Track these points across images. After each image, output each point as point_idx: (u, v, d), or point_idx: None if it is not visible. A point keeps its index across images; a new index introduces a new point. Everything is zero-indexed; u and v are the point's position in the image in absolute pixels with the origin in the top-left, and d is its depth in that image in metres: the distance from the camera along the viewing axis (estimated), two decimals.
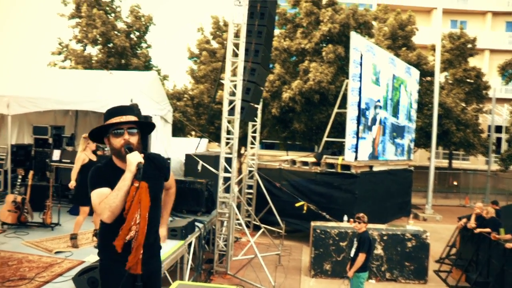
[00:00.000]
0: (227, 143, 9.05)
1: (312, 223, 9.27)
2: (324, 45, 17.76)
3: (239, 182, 13.25)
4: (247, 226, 12.49)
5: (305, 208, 10.16)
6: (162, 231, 3.06)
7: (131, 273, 2.57)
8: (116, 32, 20.66)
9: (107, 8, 21.20)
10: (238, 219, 9.58)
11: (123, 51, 20.40)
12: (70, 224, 6.77)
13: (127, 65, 20.56)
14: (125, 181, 2.45)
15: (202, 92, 21.19)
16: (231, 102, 8.98)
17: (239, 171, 17.20)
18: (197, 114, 21.54)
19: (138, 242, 2.51)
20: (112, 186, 2.50)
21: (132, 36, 21.76)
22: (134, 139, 2.63)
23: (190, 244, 7.35)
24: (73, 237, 6.24)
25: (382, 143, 13.84)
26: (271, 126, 19.29)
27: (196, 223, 8.08)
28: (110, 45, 20.61)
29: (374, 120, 13.00)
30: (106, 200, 2.48)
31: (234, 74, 8.97)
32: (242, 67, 8.85)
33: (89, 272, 4.39)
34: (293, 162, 13.06)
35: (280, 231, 11.39)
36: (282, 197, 12.12)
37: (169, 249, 6.32)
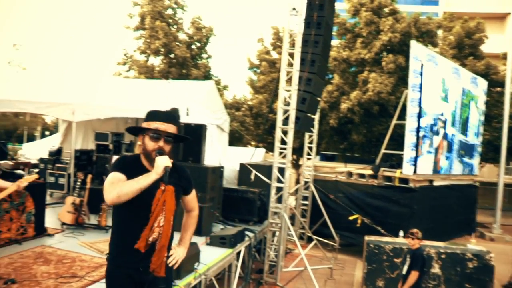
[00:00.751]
0: (280, 153, 9.01)
1: (366, 238, 8.98)
2: (384, 55, 17.36)
3: (295, 193, 13.15)
4: (301, 238, 12.36)
5: (358, 221, 9.91)
6: (180, 251, 2.95)
7: (144, 278, 2.59)
8: (177, 43, 21.28)
9: (170, 20, 21.90)
10: (290, 230, 9.47)
11: (183, 62, 20.97)
12: None
13: (188, 75, 21.09)
14: (147, 178, 2.44)
15: (261, 102, 21.31)
16: (285, 111, 8.95)
17: (297, 182, 17.07)
18: (255, 124, 21.68)
19: (162, 244, 2.52)
20: (129, 178, 2.52)
21: (193, 47, 22.32)
22: (167, 147, 2.66)
23: (239, 253, 7.33)
24: None
25: (449, 159, 13.32)
26: (329, 138, 19.06)
27: (247, 232, 8.06)
28: (172, 55, 21.25)
29: (437, 134, 12.53)
30: (121, 184, 2.48)
31: (289, 83, 8.95)
32: (297, 77, 8.81)
33: None
34: (350, 174, 12.80)
35: (334, 244, 11.15)
36: (337, 210, 11.90)
37: (216, 256, 6.34)
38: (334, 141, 19.37)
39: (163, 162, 2.46)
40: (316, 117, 12.60)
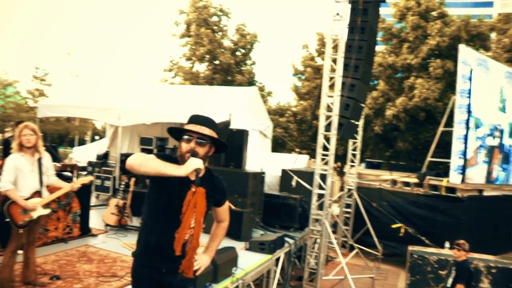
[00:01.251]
0: (322, 159, 8.93)
1: (410, 247, 8.73)
2: (432, 60, 16.89)
3: (338, 200, 12.98)
4: (343, 247, 12.17)
5: (402, 230, 9.66)
6: (204, 259, 2.93)
7: (165, 279, 2.61)
8: (222, 50, 21.55)
9: (215, 27, 22.22)
10: (331, 238, 9.34)
11: (228, 68, 21.20)
12: None
13: (232, 82, 21.30)
14: (174, 168, 2.44)
15: (305, 109, 21.23)
16: (328, 117, 8.87)
17: (341, 189, 16.86)
18: (299, 130, 21.61)
19: (192, 246, 2.53)
20: (161, 180, 2.55)
21: (237, 53, 22.54)
22: (201, 150, 2.65)
23: (278, 259, 7.29)
24: None
25: (506, 171, 12.82)
26: (374, 145, 18.72)
27: (286, 239, 8.01)
28: (216, 62, 21.53)
29: (493, 144, 12.11)
30: (149, 159, 2.51)
31: (332, 89, 8.86)
32: (340, 82, 8.71)
33: None
34: (394, 182, 12.50)
35: (377, 253, 10.91)
36: (380, 218, 11.65)
37: (255, 261, 6.33)
38: (379, 148, 19.00)
39: (194, 163, 2.47)
40: (360, 123, 12.41)
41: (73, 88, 14.30)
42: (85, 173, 11.38)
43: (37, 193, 4.43)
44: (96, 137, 37.70)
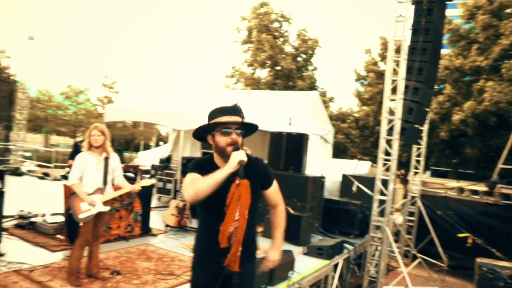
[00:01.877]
0: (384, 164, 8.67)
1: (478, 260, 8.27)
2: (505, 61, 15.95)
3: (402, 207, 12.56)
4: (405, 256, 11.72)
5: (469, 241, 9.17)
6: (272, 255, 2.89)
7: (223, 272, 2.56)
8: (283, 55, 21.58)
9: (276, 33, 22.31)
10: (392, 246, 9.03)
11: (289, 73, 21.21)
12: None
13: (293, 87, 21.28)
14: (221, 172, 2.44)
15: (368, 114, 20.81)
16: (390, 121, 8.62)
17: (404, 198, 16.31)
18: (361, 136, 21.19)
19: (237, 238, 2.49)
20: None
21: (298, 59, 22.49)
22: (240, 140, 2.62)
23: (336, 266, 7.15)
24: None
25: None
26: (440, 151, 17.95)
27: (346, 245, 7.85)
28: (278, 68, 21.59)
29: None
30: (196, 182, 2.51)
31: (394, 92, 8.61)
32: (402, 85, 8.45)
33: None
34: (461, 190, 11.91)
35: (442, 265, 10.43)
36: (446, 228, 11.12)
37: (312, 266, 6.26)
38: (445, 155, 18.19)
39: (238, 156, 2.44)
40: (425, 128, 11.96)
41: (139, 94, 14.84)
42: (148, 176, 11.75)
43: (99, 190, 4.64)
44: (161, 143, 38.93)
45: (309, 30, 23.66)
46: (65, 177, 10.67)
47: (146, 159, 17.37)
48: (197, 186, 2.49)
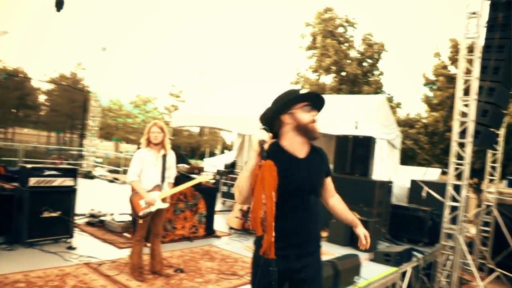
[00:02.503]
0: (456, 169, 8.20)
1: None
2: None
3: (475, 217, 11.84)
4: (480, 270, 10.99)
5: None
6: (361, 229, 2.92)
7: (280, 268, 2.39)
8: (348, 61, 21.22)
9: (341, 39, 22.00)
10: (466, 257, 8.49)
11: (354, 79, 20.82)
12: None
13: (359, 93, 20.86)
14: (250, 160, 2.32)
15: (437, 120, 19.96)
16: (462, 123, 8.16)
17: (477, 208, 15.40)
18: (431, 143, 20.34)
19: (268, 223, 2.28)
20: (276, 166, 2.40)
21: (364, 64, 22.02)
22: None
23: (404, 274, 6.81)
24: None
25: None
26: None
27: (415, 253, 7.46)
28: (343, 73, 21.24)
29: None
30: (237, 180, 2.41)
31: (467, 94, 8.15)
32: (476, 85, 7.98)
33: None
34: None
35: None
36: None
37: (378, 273, 6.00)
38: None
39: (257, 136, 2.31)
40: (502, 132, 11.22)
41: (204, 101, 15.13)
42: (206, 173, 11.87)
43: (157, 187, 4.67)
44: (226, 151, 39.65)
45: (375, 34, 23.16)
46: None
47: (211, 165, 17.68)
48: (238, 184, 2.38)
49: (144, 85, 53.75)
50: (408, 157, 20.48)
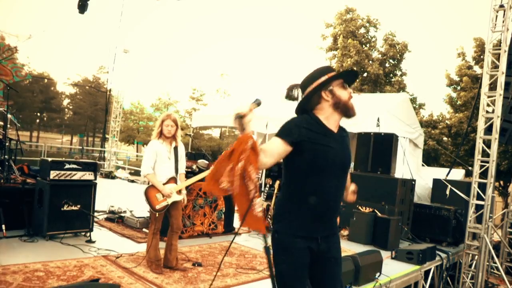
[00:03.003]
0: (481, 167, 7.98)
1: None
2: None
3: (501, 220, 11.52)
4: (508, 273, 10.65)
5: None
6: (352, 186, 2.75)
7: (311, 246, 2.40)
8: (370, 61, 20.98)
9: (362, 39, 21.76)
10: (494, 262, 8.23)
11: (376, 79, 20.56)
12: None
13: (381, 93, 20.60)
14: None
15: (461, 121, 19.55)
16: (488, 120, 7.93)
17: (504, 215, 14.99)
18: (454, 144, 19.95)
19: (236, 197, 2.25)
20: (313, 141, 2.36)
21: (386, 64, 21.74)
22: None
23: (428, 273, 6.63)
24: None
25: None
26: None
27: (439, 252, 7.27)
28: (364, 74, 21.01)
29: None
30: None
31: (493, 88, 7.93)
32: (502, 80, 7.76)
33: None
34: None
35: None
36: None
37: (400, 270, 5.85)
38: None
39: (235, 110, 2.30)
40: None
41: (224, 103, 15.13)
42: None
43: (173, 179, 4.63)
44: None
45: (398, 34, 22.81)
46: None
47: None
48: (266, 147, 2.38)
49: (166, 88, 54.23)
50: (431, 158, 20.13)
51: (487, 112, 7.94)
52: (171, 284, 4.23)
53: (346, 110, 2.48)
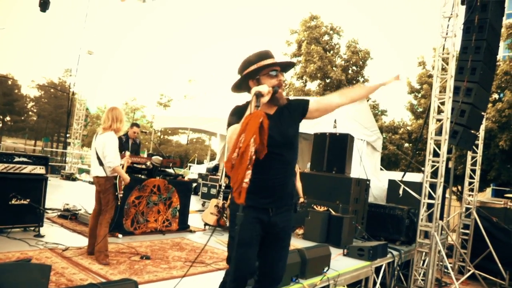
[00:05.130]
0: (432, 167, 8.23)
1: None
2: None
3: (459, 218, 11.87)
4: (460, 273, 10.99)
5: None
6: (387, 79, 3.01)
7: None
8: (333, 68, 21.34)
9: (326, 46, 22.13)
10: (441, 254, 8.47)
11: (339, 85, 20.91)
12: None
13: None
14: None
15: (421, 127, 20.04)
16: (439, 121, 8.21)
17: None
18: (414, 149, 20.46)
19: (240, 166, 2.27)
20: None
21: (349, 70, 22.15)
22: (283, 79, 2.70)
23: (379, 269, 6.78)
24: None
25: None
26: (500, 164, 16.82)
27: (391, 250, 7.44)
28: (328, 80, 21.35)
29: None
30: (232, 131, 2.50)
31: (443, 92, 8.22)
32: (451, 83, 8.05)
33: None
34: None
35: (503, 282, 9.70)
36: (507, 242, 10.34)
37: (350, 265, 5.96)
38: (506, 168, 17.03)
39: (255, 89, 2.40)
40: (481, 135, 11.31)
41: (190, 106, 15.14)
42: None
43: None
44: (213, 161, 39.64)
45: (360, 41, 23.31)
46: None
47: (197, 171, 17.65)
48: (229, 135, 2.49)
49: (133, 93, 53.77)
50: (391, 163, 20.56)
51: (438, 113, 8.21)
52: (115, 275, 4.20)
53: (271, 100, 2.55)
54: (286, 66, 2.81)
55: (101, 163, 4.80)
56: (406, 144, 20.32)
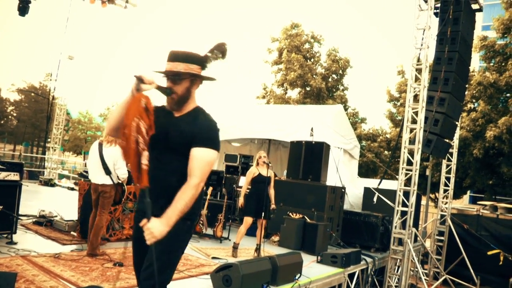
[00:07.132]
0: (406, 175, 8.40)
1: None
2: None
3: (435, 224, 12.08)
4: (435, 279, 11.19)
5: (501, 258, 8.66)
6: (154, 224, 2.23)
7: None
8: (313, 75, 21.57)
9: (307, 54, 22.37)
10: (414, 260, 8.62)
11: (319, 93, 21.12)
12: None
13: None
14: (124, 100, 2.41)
15: (400, 135, 20.37)
16: (412, 131, 8.40)
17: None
18: (393, 157, 20.74)
19: (129, 150, 2.24)
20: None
21: (329, 79, 22.41)
22: (179, 88, 2.52)
23: (353, 276, 6.89)
24: (235, 246, 6.50)
25: None
26: (475, 171, 17.14)
27: (364, 257, 7.56)
28: (308, 88, 21.56)
29: None
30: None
31: (417, 101, 8.41)
32: (424, 93, 8.25)
33: (225, 270, 4.43)
34: (495, 208, 11.36)
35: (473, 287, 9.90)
36: (479, 248, 10.58)
37: (323, 272, 6.06)
38: (480, 175, 17.33)
39: (140, 73, 2.36)
40: (455, 144, 11.56)
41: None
42: None
43: None
44: None
45: (341, 50, 23.61)
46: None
47: None
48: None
49: (115, 98, 53.35)
50: (370, 170, 20.78)
51: (412, 123, 8.40)
52: (86, 282, 4.22)
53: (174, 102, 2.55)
54: (174, 76, 2.56)
55: (107, 173, 5.39)
56: (386, 152, 20.58)
